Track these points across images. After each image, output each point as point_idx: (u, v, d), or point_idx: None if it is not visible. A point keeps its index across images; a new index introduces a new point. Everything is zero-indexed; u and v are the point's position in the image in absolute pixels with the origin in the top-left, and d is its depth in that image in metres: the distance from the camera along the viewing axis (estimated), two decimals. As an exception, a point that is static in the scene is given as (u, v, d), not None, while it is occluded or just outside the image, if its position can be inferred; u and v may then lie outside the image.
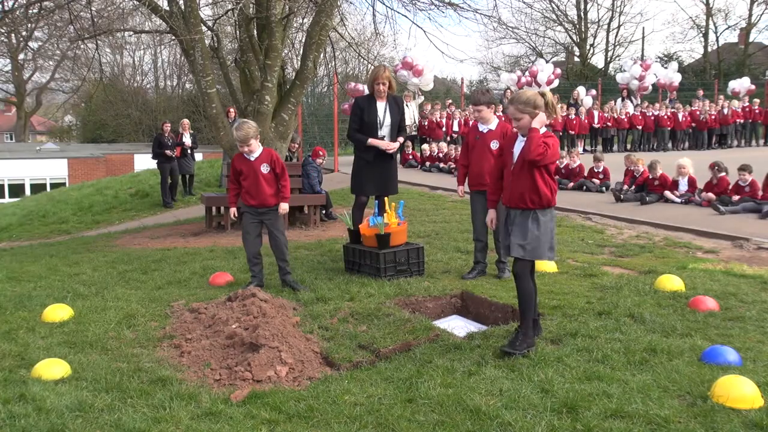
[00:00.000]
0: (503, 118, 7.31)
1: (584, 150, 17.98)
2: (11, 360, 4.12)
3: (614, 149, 19.30)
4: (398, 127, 6.49)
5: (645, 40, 43.39)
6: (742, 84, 21.66)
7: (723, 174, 9.68)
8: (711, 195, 9.51)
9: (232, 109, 14.28)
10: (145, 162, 25.51)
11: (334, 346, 4.28)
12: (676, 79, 21.58)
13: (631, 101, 20.27)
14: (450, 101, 19.19)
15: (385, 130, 6.41)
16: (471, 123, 5.88)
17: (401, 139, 6.52)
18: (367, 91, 6.58)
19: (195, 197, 14.65)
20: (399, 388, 3.58)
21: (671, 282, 5.38)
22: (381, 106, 6.39)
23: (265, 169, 5.64)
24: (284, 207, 5.70)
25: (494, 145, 5.77)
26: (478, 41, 64.78)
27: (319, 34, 9.43)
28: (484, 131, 5.88)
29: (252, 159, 5.64)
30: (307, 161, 10.16)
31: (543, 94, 4.07)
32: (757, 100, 20.52)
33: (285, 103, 9.77)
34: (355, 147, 6.59)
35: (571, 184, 11.85)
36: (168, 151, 14.02)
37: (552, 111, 4.09)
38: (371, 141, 6.32)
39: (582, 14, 37.14)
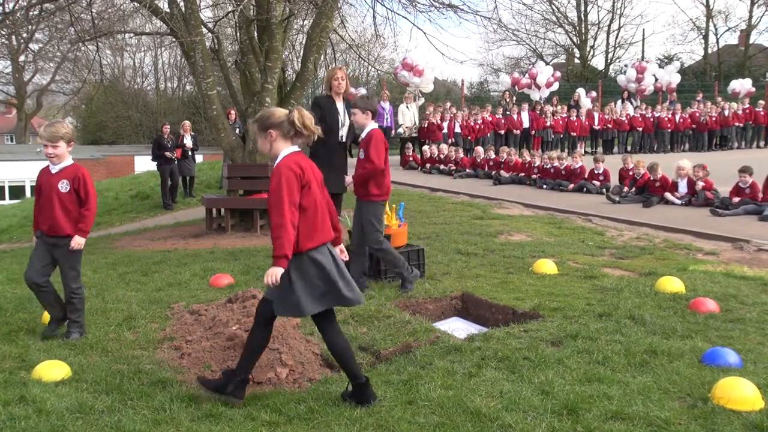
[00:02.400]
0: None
1: (584, 152, 17.99)
2: (12, 362, 4.12)
3: (615, 151, 19.32)
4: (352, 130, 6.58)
5: (645, 42, 43.44)
6: (743, 85, 21.66)
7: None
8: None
9: (232, 111, 14.30)
10: (145, 164, 25.50)
11: (334, 347, 4.28)
12: (675, 80, 21.58)
13: (631, 103, 20.29)
14: (450, 103, 19.19)
15: (344, 131, 6.53)
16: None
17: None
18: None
19: (195, 199, 14.66)
20: (399, 389, 3.58)
21: (671, 284, 5.38)
22: (340, 107, 6.48)
23: (63, 187, 4.53)
24: (78, 241, 4.54)
25: (361, 154, 5.57)
26: (479, 43, 64.91)
27: (319, 35, 9.44)
28: (360, 138, 5.70)
29: (53, 171, 4.57)
30: (307, 163, 10.15)
31: (289, 112, 3.41)
32: (762, 102, 20.53)
33: (285, 105, 9.77)
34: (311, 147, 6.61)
35: (572, 185, 11.85)
36: (168, 153, 14.02)
37: (302, 130, 3.39)
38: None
39: (582, 16, 37.17)
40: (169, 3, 9.50)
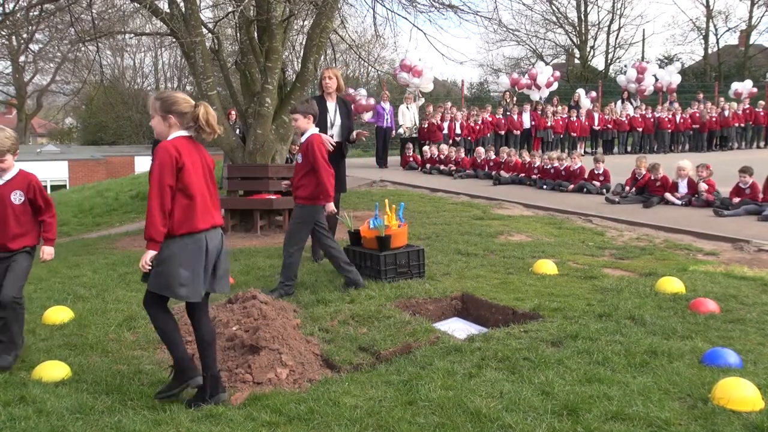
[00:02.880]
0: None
1: (584, 152, 17.99)
2: (12, 362, 4.13)
3: (615, 151, 19.32)
4: (349, 129, 6.63)
5: (645, 43, 43.47)
6: (745, 86, 21.66)
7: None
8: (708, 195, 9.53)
9: (232, 111, 14.30)
10: (145, 164, 25.54)
11: (334, 348, 4.28)
12: (676, 80, 21.59)
13: (631, 103, 20.29)
14: (450, 104, 19.19)
15: (335, 130, 6.60)
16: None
17: (358, 131, 6.64)
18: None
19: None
20: (399, 390, 3.58)
21: (672, 284, 5.38)
22: (331, 106, 6.59)
23: (17, 198, 4.13)
24: (49, 251, 4.28)
25: (299, 158, 5.62)
26: (479, 43, 64.89)
27: (319, 36, 9.44)
28: (298, 144, 5.72)
29: (1, 183, 4.13)
30: (307, 163, 10.15)
31: (196, 106, 3.45)
32: (762, 103, 20.53)
33: (285, 106, 9.77)
34: None
35: (572, 186, 11.84)
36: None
37: (205, 128, 3.44)
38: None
39: (582, 16, 37.16)
40: (169, 3, 9.50)
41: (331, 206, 5.62)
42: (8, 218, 4.11)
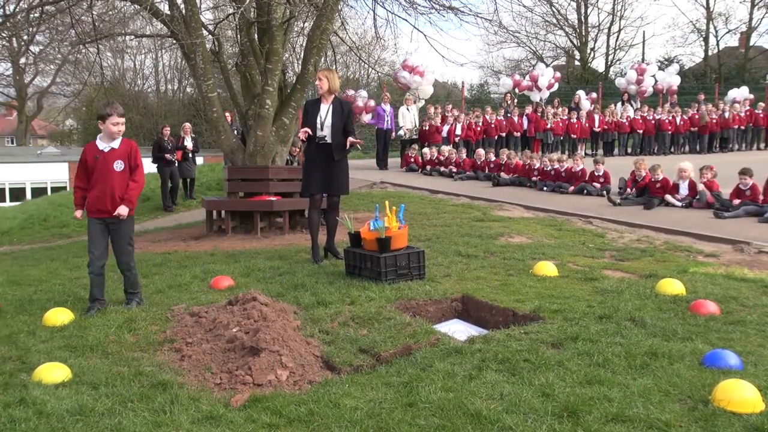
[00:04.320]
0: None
1: (585, 154, 17.99)
2: (12, 364, 4.12)
3: (615, 153, 19.32)
4: (343, 130, 6.64)
5: (645, 44, 43.42)
6: (742, 94, 21.66)
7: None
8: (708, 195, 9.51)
9: (229, 114, 14.33)
10: (145, 166, 25.54)
11: (334, 349, 4.28)
12: (675, 82, 21.59)
13: (632, 105, 20.29)
14: (450, 105, 19.20)
15: (325, 131, 6.64)
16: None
17: (351, 139, 6.60)
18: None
19: (196, 201, 14.67)
20: (399, 392, 3.57)
21: (672, 286, 5.37)
22: (324, 108, 6.68)
23: None
24: None
25: (118, 166, 5.30)
26: (479, 45, 64.99)
27: (319, 38, 9.45)
28: (106, 150, 5.31)
29: None
30: (307, 165, 10.14)
31: None
32: (762, 104, 20.53)
33: (286, 107, 9.79)
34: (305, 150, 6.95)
35: (572, 188, 11.85)
36: (168, 155, 14.04)
37: None
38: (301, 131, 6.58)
39: (582, 18, 37.22)
40: (169, 5, 9.52)
41: (123, 209, 5.37)
42: None
